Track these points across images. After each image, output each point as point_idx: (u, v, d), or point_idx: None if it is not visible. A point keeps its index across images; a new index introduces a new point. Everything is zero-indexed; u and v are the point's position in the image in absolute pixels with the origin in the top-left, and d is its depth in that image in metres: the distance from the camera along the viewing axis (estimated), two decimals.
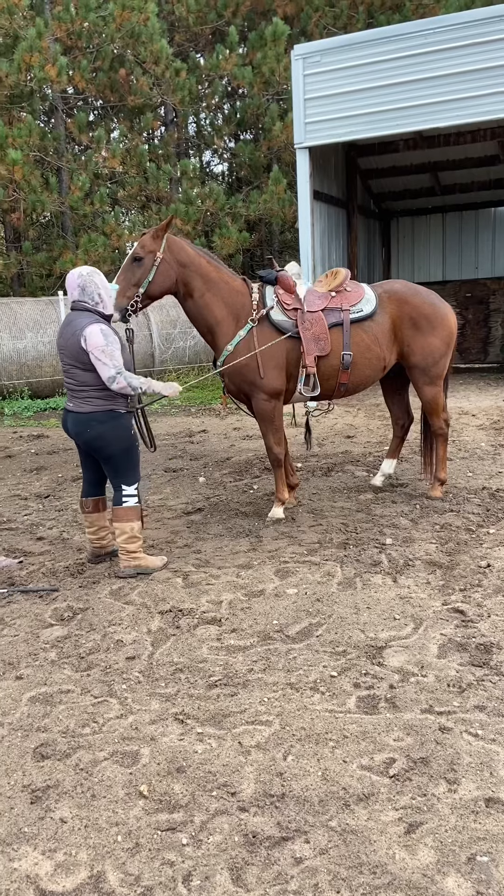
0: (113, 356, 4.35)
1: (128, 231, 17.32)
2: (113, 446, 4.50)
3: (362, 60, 10.39)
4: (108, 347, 4.34)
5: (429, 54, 10.00)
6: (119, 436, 4.50)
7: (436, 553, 4.66)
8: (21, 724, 3.01)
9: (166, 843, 2.32)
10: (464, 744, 2.72)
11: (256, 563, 4.64)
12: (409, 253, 16.96)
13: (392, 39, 10.23)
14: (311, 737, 2.80)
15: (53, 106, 18.43)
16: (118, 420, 4.50)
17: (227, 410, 10.75)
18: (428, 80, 10.08)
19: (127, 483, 4.57)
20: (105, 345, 4.32)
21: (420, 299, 5.63)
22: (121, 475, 4.58)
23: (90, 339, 4.33)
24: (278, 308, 5.29)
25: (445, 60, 9.92)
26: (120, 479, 4.58)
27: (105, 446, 4.50)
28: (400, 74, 10.22)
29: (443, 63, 9.93)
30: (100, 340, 4.32)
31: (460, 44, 9.82)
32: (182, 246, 5.17)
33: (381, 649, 3.46)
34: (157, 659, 3.49)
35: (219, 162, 23.91)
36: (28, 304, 14.13)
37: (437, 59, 9.98)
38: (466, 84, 9.94)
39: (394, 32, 10.33)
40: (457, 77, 9.93)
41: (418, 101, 10.20)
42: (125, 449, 4.54)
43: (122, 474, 4.58)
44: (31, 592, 4.40)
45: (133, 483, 4.59)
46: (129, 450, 4.57)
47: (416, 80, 10.14)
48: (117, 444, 4.50)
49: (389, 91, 10.34)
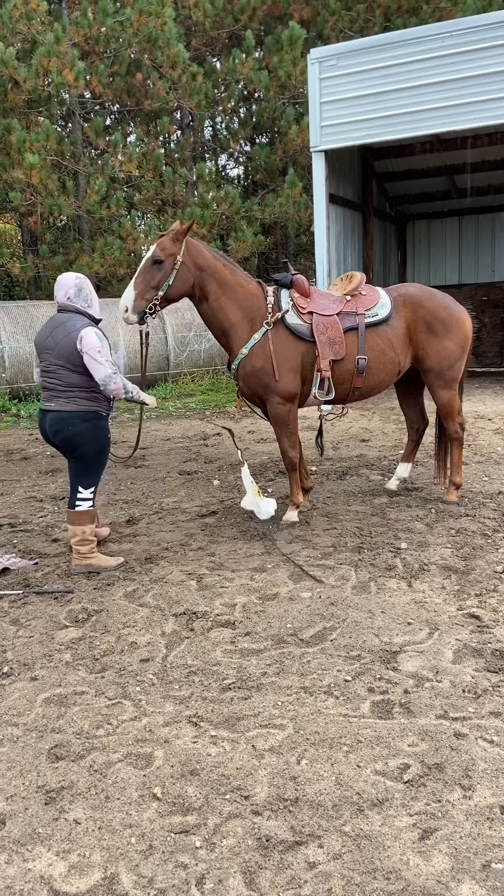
0: (107, 356, 4.53)
1: (143, 235, 17.38)
2: (88, 446, 4.65)
3: (379, 64, 10.39)
4: (103, 348, 4.52)
5: (445, 57, 9.97)
6: (96, 437, 4.66)
7: (451, 558, 4.64)
8: (36, 724, 3.02)
9: (180, 845, 2.32)
10: (479, 750, 2.70)
11: (270, 567, 4.64)
12: (425, 256, 16.91)
13: (408, 43, 10.22)
14: (325, 741, 2.80)
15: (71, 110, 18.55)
16: (99, 422, 4.68)
17: (241, 413, 10.75)
18: (445, 83, 10.06)
19: (84, 486, 4.73)
20: (101, 346, 4.50)
21: (435, 303, 5.61)
22: (82, 476, 4.73)
23: (86, 341, 4.47)
24: (293, 312, 5.29)
25: (462, 63, 9.89)
26: (80, 480, 4.73)
27: (81, 444, 4.63)
28: (416, 77, 10.21)
29: (459, 66, 9.90)
30: (95, 342, 4.48)
31: (477, 47, 9.79)
32: (200, 249, 5.18)
33: (395, 654, 3.44)
34: (171, 661, 3.50)
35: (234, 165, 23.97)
36: (45, 307, 14.21)
37: (454, 63, 9.96)
38: (483, 87, 9.91)
39: (410, 36, 10.32)
40: (474, 80, 9.91)
41: (435, 104, 10.18)
42: (98, 451, 4.71)
43: (84, 475, 4.73)
44: (46, 594, 4.42)
45: (90, 487, 4.75)
46: (101, 453, 4.74)
47: (433, 83, 10.12)
48: (93, 445, 4.66)
49: (406, 94, 10.32)
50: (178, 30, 17.36)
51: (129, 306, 4.95)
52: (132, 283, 5.00)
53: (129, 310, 4.95)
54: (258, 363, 5.24)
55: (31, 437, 10.22)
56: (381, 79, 10.42)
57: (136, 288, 4.96)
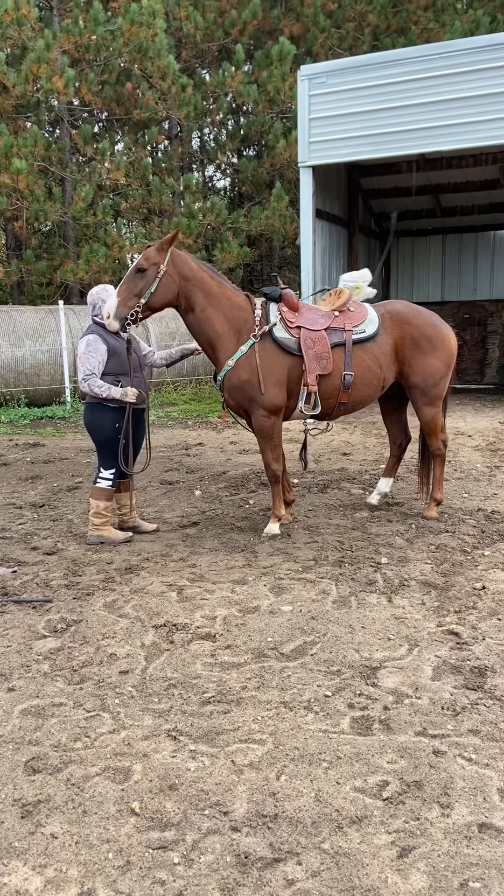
0: (85, 364, 5.23)
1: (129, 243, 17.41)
2: (97, 433, 5.39)
3: (368, 83, 10.53)
4: (84, 356, 5.24)
5: (433, 79, 10.14)
6: (101, 426, 5.35)
7: (431, 574, 4.67)
8: (12, 736, 2.99)
9: (157, 861, 2.30)
10: (457, 768, 2.72)
11: (251, 579, 4.63)
12: (408, 273, 17.10)
13: (398, 63, 10.37)
14: (305, 757, 2.79)
15: (59, 117, 18.56)
16: (105, 412, 5.32)
17: (225, 424, 10.76)
18: (432, 104, 10.22)
19: (104, 467, 5.43)
20: (83, 353, 5.26)
21: (422, 320, 5.66)
22: (101, 458, 5.46)
23: (78, 347, 5.36)
24: (281, 325, 5.32)
25: (449, 85, 10.06)
26: (101, 461, 5.46)
27: (92, 431, 5.46)
28: (404, 98, 10.36)
29: (446, 88, 10.07)
30: (81, 349, 5.30)
31: (464, 69, 9.97)
32: (186, 260, 5.20)
33: (375, 670, 3.45)
34: (150, 674, 3.48)
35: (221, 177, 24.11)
36: (28, 312, 14.14)
37: (441, 84, 10.13)
38: (469, 109, 10.08)
39: (399, 56, 10.48)
40: (460, 102, 10.07)
41: (422, 124, 10.33)
42: (106, 439, 5.36)
43: (101, 458, 5.45)
44: (24, 603, 4.38)
45: (109, 468, 5.41)
46: (111, 440, 5.35)
47: (420, 103, 10.28)
48: (100, 433, 5.37)
49: (393, 114, 10.47)
50: (169, 41, 17.47)
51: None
52: (116, 290, 5.06)
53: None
54: (244, 375, 5.26)
55: (11, 443, 10.14)
56: (369, 97, 10.56)
57: (119, 295, 5.00)
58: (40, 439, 10.51)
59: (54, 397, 13.83)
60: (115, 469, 5.42)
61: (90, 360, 5.23)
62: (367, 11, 18.15)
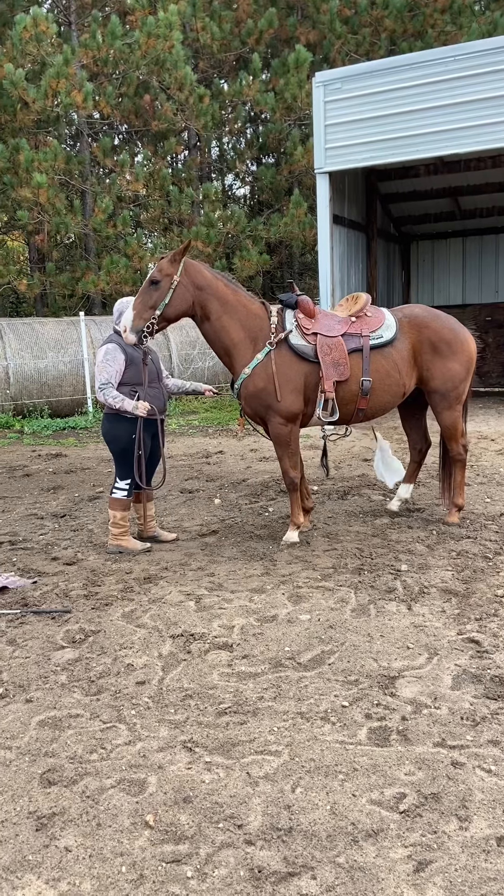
0: (102, 373, 5.27)
1: (149, 253, 17.52)
2: (114, 444, 5.44)
3: (383, 87, 10.50)
4: (102, 364, 5.28)
5: (449, 81, 10.08)
6: (117, 436, 5.38)
7: (452, 581, 4.61)
8: (29, 748, 2.99)
9: (171, 875, 2.28)
10: (476, 780, 2.67)
11: (270, 588, 4.61)
12: (429, 276, 16.99)
13: (412, 67, 10.33)
14: (321, 769, 2.76)
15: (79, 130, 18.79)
16: (122, 423, 5.35)
17: (244, 432, 10.75)
18: (448, 107, 10.16)
19: (120, 477, 5.47)
20: (101, 362, 5.30)
21: (440, 324, 5.61)
22: (118, 468, 5.50)
23: (97, 356, 5.44)
24: (297, 332, 5.30)
25: (466, 87, 9.99)
26: (117, 471, 5.50)
27: (109, 442, 5.50)
28: (421, 101, 10.31)
29: (463, 90, 10.01)
30: (99, 357, 5.35)
31: (480, 71, 9.90)
32: (199, 269, 5.21)
33: (393, 679, 3.41)
34: (167, 684, 3.47)
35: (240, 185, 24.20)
36: (50, 324, 14.30)
37: (458, 86, 10.06)
38: (487, 110, 10.00)
39: (414, 60, 10.43)
40: (478, 104, 10.00)
41: (439, 127, 10.27)
42: (122, 449, 5.40)
43: (118, 467, 5.49)
44: (43, 614, 4.40)
45: (125, 479, 5.45)
46: (126, 451, 5.38)
47: (437, 106, 10.23)
48: (117, 443, 5.40)
49: (410, 117, 10.43)
50: (186, 52, 17.60)
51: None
52: (132, 303, 5.08)
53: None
54: (260, 383, 5.25)
55: (34, 454, 10.24)
56: (385, 102, 10.53)
57: (134, 308, 5.02)
58: (62, 450, 10.59)
59: (76, 408, 13.95)
60: (131, 479, 5.45)
61: (107, 369, 5.27)
62: (384, 16, 18.12)
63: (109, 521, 5.55)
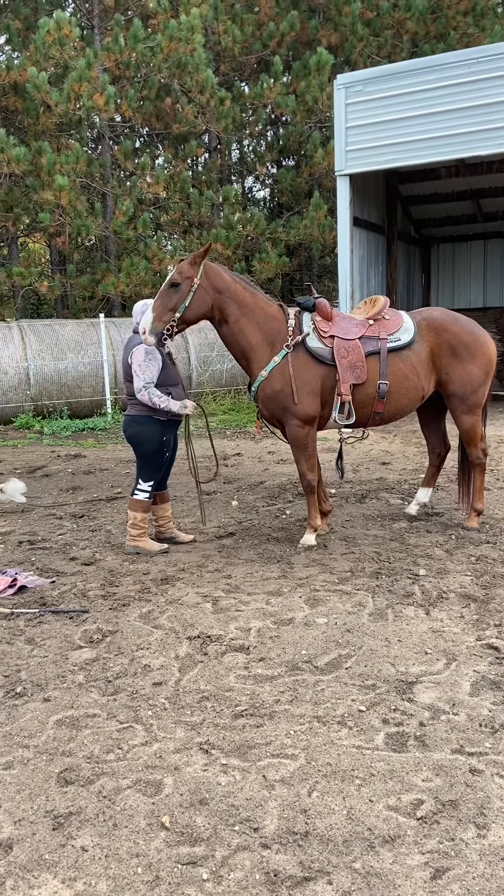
0: (146, 372, 5.18)
1: (169, 255, 17.56)
2: (144, 446, 5.40)
3: (404, 90, 10.46)
4: (145, 363, 5.19)
5: (470, 83, 10.02)
6: (149, 438, 5.36)
7: (471, 586, 4.57)
8: (46, 747, 3.01)
9: (186, 877, 2.28)
10: (495, 787, 2.64)
11: (287, 591, 4.60)
12: (449, 279, 16.89)
13: (433, 69, 10.28)
14: (338, 773, 2.75)
15: (101, 133, 18.89)
16: (153, 425, 5.34)
17: (261, 434, 10.75)
18: (469, 109, 10.10)
19: (143, 479, 5.48)
20: (143, 361, 5.19)
21: (459, 327, 5.58)
22: (142, 470, 5.49)
23: (135, 356, 5.23)
24: (314, 335, 5.29)
25: (487, 90, 9.93)
26: (141, 473, 5.49)
27: (138, 444, 5.42)
28: (442, 103, 10.26)
29: (484, 92, 9.94)
30: (141, 357, 5.21)
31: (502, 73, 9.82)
32: (219, 272, 5.22)
33: (411, 684, 3.39)
34: (183, 686, 3.47)
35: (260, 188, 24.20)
36: (70, 325, 14.40)
37: (479, 88, 10.00)
38: None
39: (435, 62, 10.39)
40: (499, 106, 9.94)
41: (460, 129, 10.22)
42: (153, 451, 5.40)
43: (143, 469, 5.48)
44: (61, 613, 4.43)
45: (148, 480, 5.47)
46: (156, 453, 5.41)
47: (459, 108, 10.17)
48: (147, 446, 5.38)
49: (431, 119, 10.38)
50: (208, 55, 17.64)
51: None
52: (151, 305, 5.08)
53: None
54: (277, 386, 5.25)
55: (53, 454, 10.30)
56: (406, 104, 10.49)
57: (154, 310, 5.03)
58: (81, 450, 10.65)
59: (95, 409, 14.02)
60: (154, 481, 5.48)
61: (151, 368, 5.20)
62: (406, 18, 18.04)
63: (128, 522, 5.57)
